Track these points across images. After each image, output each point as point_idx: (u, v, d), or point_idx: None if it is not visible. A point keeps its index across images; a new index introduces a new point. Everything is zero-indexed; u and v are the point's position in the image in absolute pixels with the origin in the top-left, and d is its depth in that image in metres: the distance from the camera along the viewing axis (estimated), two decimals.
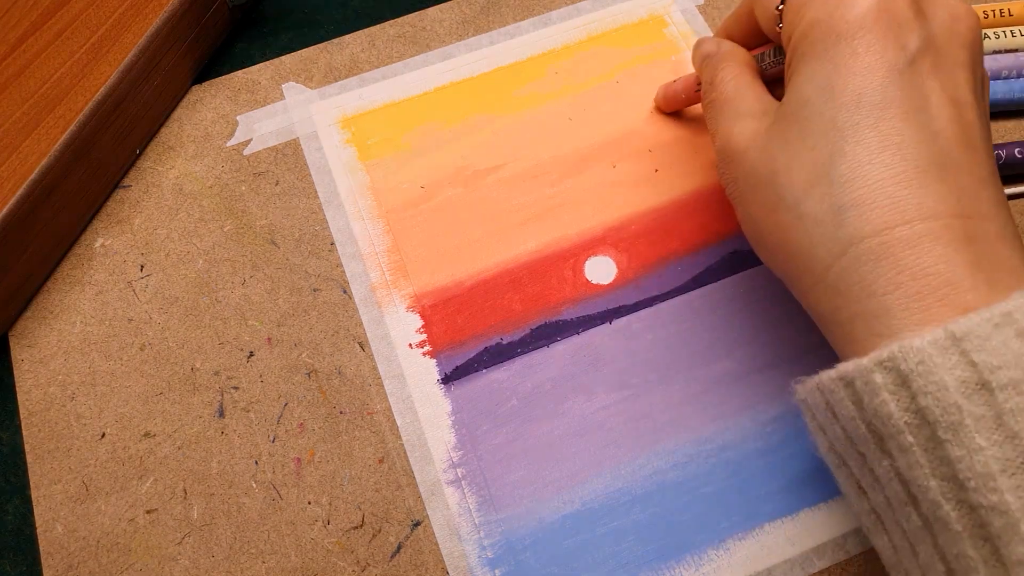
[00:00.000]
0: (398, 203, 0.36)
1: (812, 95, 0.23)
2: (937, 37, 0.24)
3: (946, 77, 0.23)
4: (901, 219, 0.21)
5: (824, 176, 0.23)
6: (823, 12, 0.24)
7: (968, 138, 0.23)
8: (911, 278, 0.21)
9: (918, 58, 0.23)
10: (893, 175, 0.22)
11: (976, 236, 0.21)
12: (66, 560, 0.30)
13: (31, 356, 0.33)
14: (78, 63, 0.34)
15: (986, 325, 0.19)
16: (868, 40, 0.23)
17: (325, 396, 0.32)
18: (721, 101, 0.28)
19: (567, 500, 0.31)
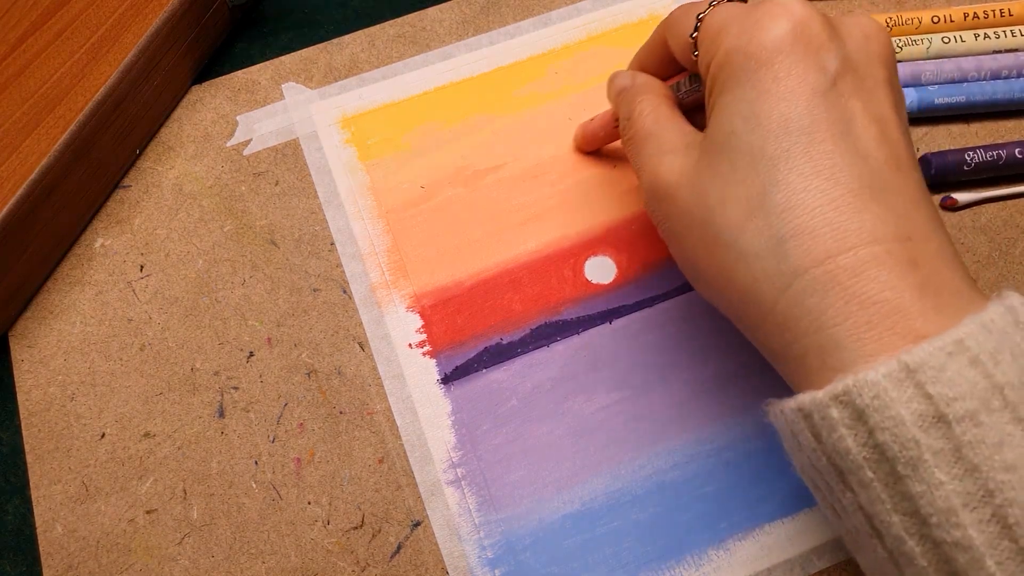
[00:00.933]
0: (398, 203, 0.36)
1: (737, 125, 0.23)
2: (854, 57, 0.23)
3: (867, 96, 0.23)
4: (843, 246, 0.21)
5: (759, 208, 0.22)
6: (740, 40, 0.23)
7: (896, 157, 0.22)
8: (859, 307, 0.20)
9: (839, 79, 0.23)
10: (829, 200, 0.21)
11: (918, 259, 0.21)
12: (66, 560, 0.30)
13: (31, 356, 0.33)
14: (78, 63, 0.34)
15: (939, 355, 0.19)
16: (788, 64, 0.22)
17: (325, 396, 0.32)
18: (641, 136, 0.27)
19: (567, 500, 0.31)
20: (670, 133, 0.26)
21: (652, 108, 0.28)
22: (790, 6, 0.23)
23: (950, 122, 0.38)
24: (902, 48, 0.38)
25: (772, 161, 0.22)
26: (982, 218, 0.36)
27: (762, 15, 0.23)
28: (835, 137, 0.22)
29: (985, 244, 0.35)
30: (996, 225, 0.36)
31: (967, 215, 0.36)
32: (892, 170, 0.22)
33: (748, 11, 0.24)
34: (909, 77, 0.37)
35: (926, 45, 0.38)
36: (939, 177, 0.35)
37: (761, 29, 0.23)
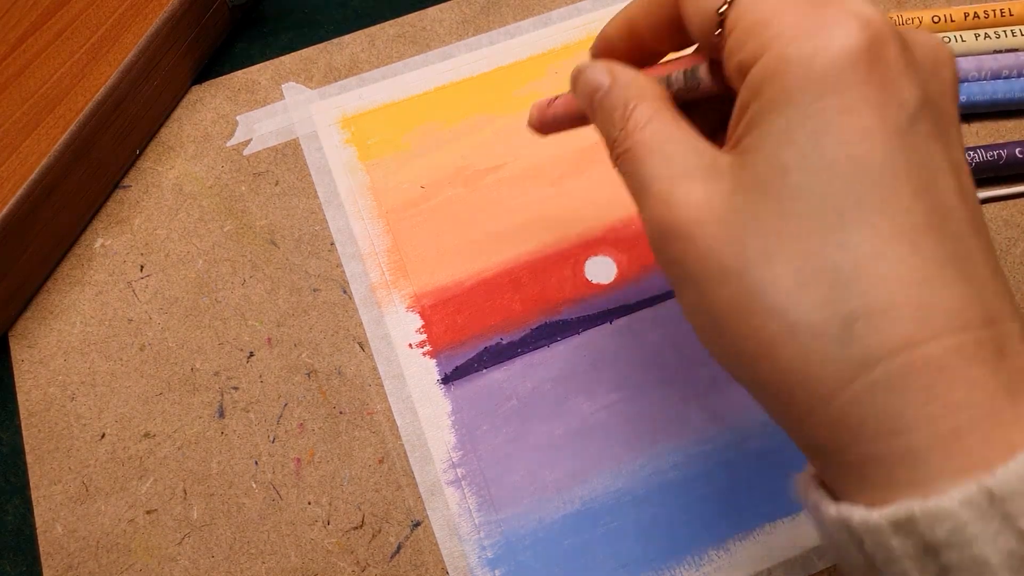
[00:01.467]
0: (398, 203, 0.36)
1: (792, 162, 0.18)
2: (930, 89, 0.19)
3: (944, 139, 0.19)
4: (927, 333, 0.17)
5: (820, 273, 0.18)
6: (799, 47, 0.18)
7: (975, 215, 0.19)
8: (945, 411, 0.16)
9: (919, 117, 0.18)
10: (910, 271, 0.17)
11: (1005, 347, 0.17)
12: (66, 560, 0.30)
13: (31, 356, 0.33)
14: (78, 63, 0.34)
15: None
16: (863, 93, 0.18)
17: (325, 396, 0.32)
18: (642, 154, 0.21)
19: (567, 500, 0.31)
20: (681, 150, 0.21)
21: (651, 115, 0.22)
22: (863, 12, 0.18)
23: None
24: None
25: (839, 215, 0.18)
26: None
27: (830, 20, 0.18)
28: (917, 191, 0.18)
29: None
30: (996, 225, 0.36)
31: None
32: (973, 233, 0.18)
33: (807, 5, 0.19)
34: None
35: None
36: None
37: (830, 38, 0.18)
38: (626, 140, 0.22)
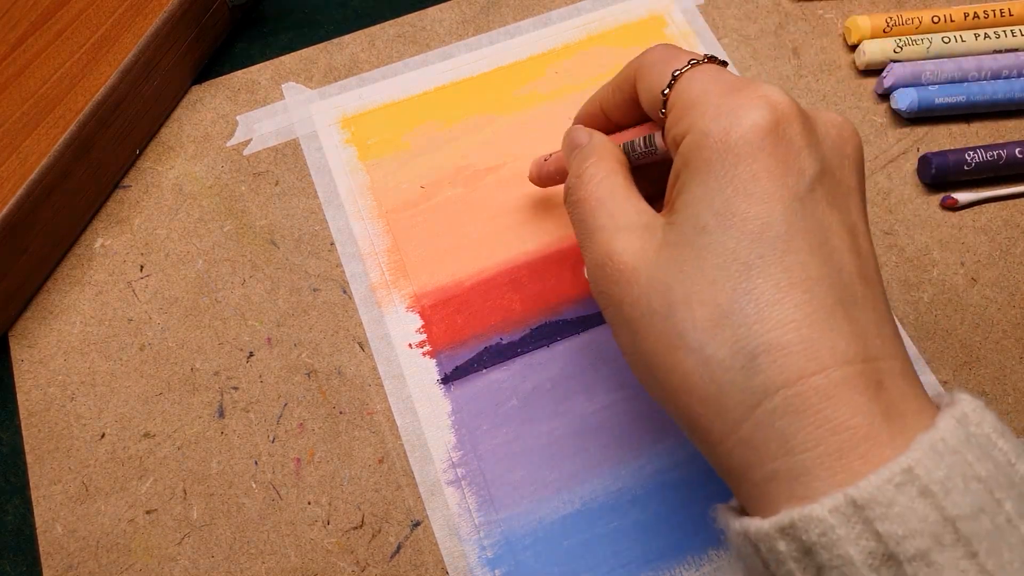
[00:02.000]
0: (398, 203, 0.36)
1: (709, 221, 0.21)
2: (830, 161, 0.22)
3: (842, 204, 0.22)
4: (817, 366, 0.20)
5: (730, 316, 0.21)
6: (717, 124, 0.22)
7: (865, 270, 0.22)
8: (831, 433, 0.19)
9: (816, 184, 0.22)
10: (804, 316, 0.20)
11: (884, 380, 0.20)
12: (66, 560, 0.30)
13: (31, 356, 0.33)
14: (78, 63, 0.34)
15: (887, 488, 0.18)
16: (768, 164, 0.21)
17: (325, 396, 0.32)
18: (591, 203, 0.25)
19: (567, 500, 0.31)
20: (625, 209, 0.24)
21: (605, 174, 0.25)
22: (773, 97, 0.22)
23: (950, 122, 0.38)
24: (902, 48, 0.38)
25: (745, 267, 0.21)
26: (982, 218, 0.36)
27: (743, 101, 0.22)
28: (812, 247, 0.21)
29: (985, 244, 0.35)
30: (996, 225, 0.36)
31: (967, 215, 0.36)
32: (862, 284, 0.21)
33: (727, 91, 0.23)
34: (909, 77, 0.37)
35: (926, 45, 0.38)
36: (939, 177, 0.35)
37: (741, 117, 0.22)
38: (580, 189, 0.26)
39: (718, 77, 0.23)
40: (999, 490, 0.18)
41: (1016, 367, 0.33)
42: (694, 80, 0.24)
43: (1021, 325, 0.34)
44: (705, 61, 0.24)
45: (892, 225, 0.36)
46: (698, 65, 0.24)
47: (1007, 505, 0.18)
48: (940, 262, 0.35)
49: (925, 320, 0.34)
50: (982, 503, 0.18)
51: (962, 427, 0.19)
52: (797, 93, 0.38)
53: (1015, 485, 0.18)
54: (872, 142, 0.37)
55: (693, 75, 0.24)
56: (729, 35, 0.40)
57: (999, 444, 0.19)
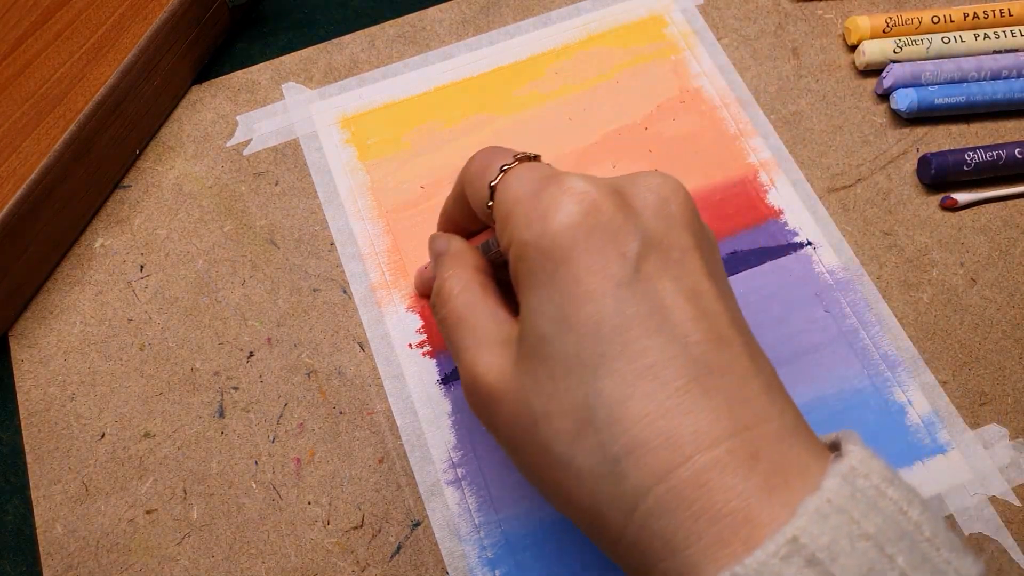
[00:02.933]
0: (398, 203, 0.36)
1: (548, 329, 0.21)
2: (654, 229, 0.21)
3: (677, 270, 0.21)
4: (680, 457, 0.19)
5: (587, 423, 0.20)
6: (530, 232, 0.21)
7: (718, 332, 0.21)
8: (709, 523, 0.18)
9: (642, 262, 0.21)
10: (657, 406, 0.19)
11: (759, 449, 0.19)
12: (66, 560, 0.30)
13: (31, 356, 0.33)
14: (78, 63, 0.34)
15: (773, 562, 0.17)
16: (586, 260, 0.20)
17: (325, 396, 0.32)
18: (452, 320, 0.25)
19: None
20: (483, 321, 0.24)
21: (462, 287, 0.25)
22: (577, 188, 0.21)
23: (950, 122, 0.38)
24: (902, 48, 0.38)
25: (591, 369, 0.20)
26: (982, 218, 0.36)
27: (549, 202, 0.21)
28: (649, 331, 0.20)
29: (985, 244, 0.35)
30: (996, 225, 0.36)
31: (967, 215, 0.36)
32: (715, 349, 0.20)
33: (535, 192, 0.22)
34: (909, 77, 0.37)
35: (926, 45, 0.38)
36: (939, 177, 0.35)
37: (549, 219, 0.21)
38: (442, 308, 0.25)
39: (528, 178, 0.23)
40: (889, 544, 0.17)
41: (1016, 367, 0.33)
42: (507, 189, 0.23)
43: (1021, 325, 0.34)
44: (515, 163, 0.24)
45: (892, 225, 0.36)
46: (509, 170, 0.23)
47: (899, 560, 0.17)
48: (939, 262, 0.35)
49: (924, 320, 0.34)
50: (871, 562, 0.17)
51: (847, 483, 0.18)
52: (797, 93, 0.39)
53: (906, 535, 0.18)
54: (872, 142, 0.37)
55: (506, 183, 0.23)
56: (729, 35, 0.40)
57: (888, 493, 0.18)
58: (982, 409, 0.32)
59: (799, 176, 0.37)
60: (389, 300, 0.34)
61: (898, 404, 0.32)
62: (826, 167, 0.37)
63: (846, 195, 0.36)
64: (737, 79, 0.39)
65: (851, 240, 0.35)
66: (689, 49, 0.39)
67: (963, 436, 0.31)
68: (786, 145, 0.37)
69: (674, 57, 0.39)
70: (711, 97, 0.38)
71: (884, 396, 0.32)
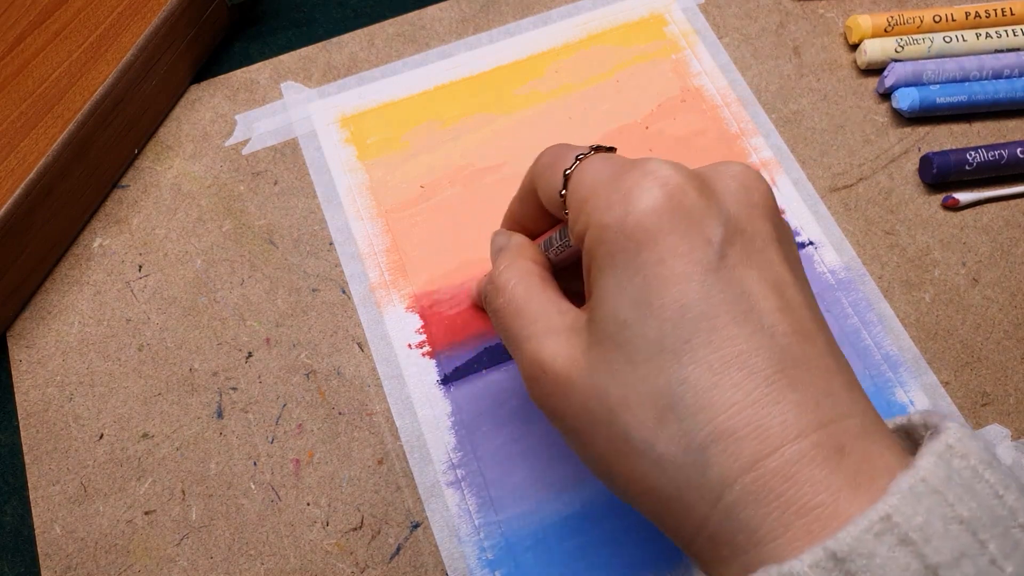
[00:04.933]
0: (397, 202, 0.36)
1: (628, 314, 0.20)
2: (737, 217, 0.21)
3: (760, 260, 0.21)
4: (769, 447, 0.19)
5: (670, 410, 0.20)
6: (611, 215, 0.21)
7: (801, 325, 0.20)
8: (797, 516, 0.18)
9: (727, 248, 0.20)
10: (745, 395, 0.19)
11: (844, 444, 0.19)
12: (64, 561, 0.30)
13: (29, 357, 0.33)
14: (76, 62, 0.34)
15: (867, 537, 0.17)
16: (671, 242, 0.20)
17: (324, 397, 0.32)
18: (512, 310, 0.24)
19: (568, 501, 0.30)
20: (546, 310, 0.24)
21: (520, 277, 0.25)
22: (660, 172, 0.21)
23: (952, 121, 0.38)
24: (904, 47, 0.38)
25: (674, 355, 0.20)
26: (984, 218, 0.36)
27: (632, 185, 0.21)
28: (736, 319, 0.20)
29: (987, 244, 0.35)
30: (997, 225, 0.35)
31: (968, 215, 0.36)
32: (800, 342, 0.20)
33: (616, 177, 0.22)
34: (911, 76, 0.37)
35: (928, 44, 0.38)
36: (941, 177, 0.35)
37: (633, 202, 0.21)
38: (497, 298, 0.25)
39: (605, 166, 0.23)
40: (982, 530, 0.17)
41: (1017, 367, 0.33)
42: (584, 175, 0.23)
43: (1022, 326, 0.34)
44: (592, 152, 0.24)
45: (893, 225, 0.35)
46: (585, 159, 0.24)
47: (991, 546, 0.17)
48: (941, 262, 0.35)
49: (926, 320, 0.34)
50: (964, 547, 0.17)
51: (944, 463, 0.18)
52: (798, 92, 0.38)
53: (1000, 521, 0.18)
54: (873, 142, 0.37)
55: (582, 170, 0.23)
56: (730, 34, 0.40)
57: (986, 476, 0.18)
58: (984, 409, 0.32)
59: (800, 175, 0.36)
60: (388, 300, 0.34)
61: (900, 404, 0.32)
62: (827, 166, 0.37)
63: (847, 194, 0.36)
64: (738, 78, 0.39)
65: (853, 240, 0.35)
66: (690, 48, 0.39)
67: None
68: (787, 144, 0.37)
69: (675, 56, 0.39)
70: (712, 96, 0.38)
71: (886, 396, 0.32)
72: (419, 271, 0.34)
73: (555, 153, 0.25)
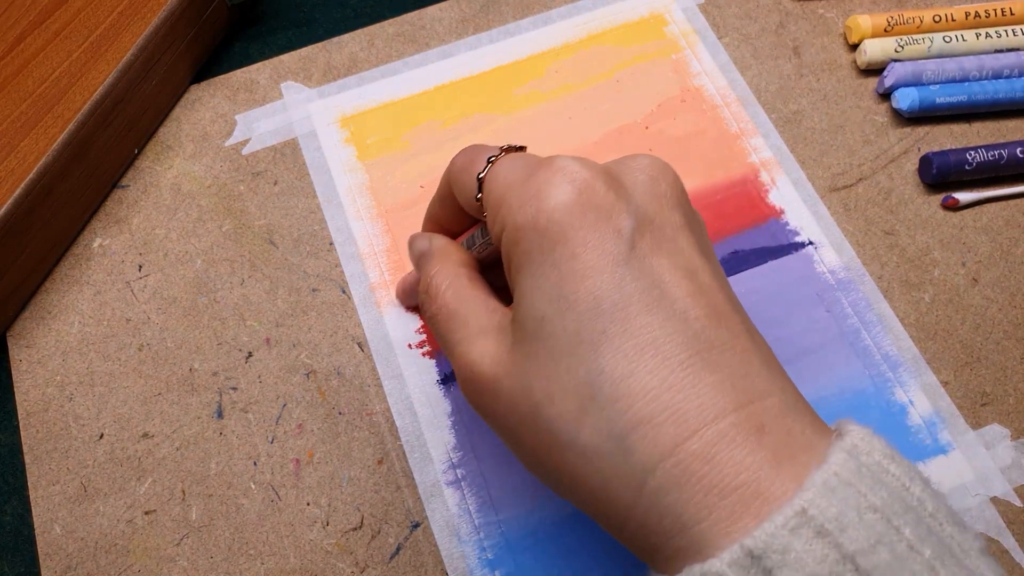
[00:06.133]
0: (397, 202, 0.36)
1: (546, 309, 0.21)
2: (646, 208, 0.22)
3: (670, 247, 0.21)
4: (687, 431, 0.19)
5: (591, 401, 0.20)
6: (524, 214, 0.21)
7: (714, 308, 0.21)
8: (719, 497, 0.18)
9: (637, 239, 0.21)
10: (660, 381, 0.19)
11: (764, 423, 0.19)
12: (64, 561, 0.30)
13: (29, 356, 0.33)
14: (76, 62, 0.34)
15: (783, 533, 0.17)
16: (582, 237, 0.21)
17: (324, 397, 0.32)
18: (444, 316, 0.25)
19: (567, 501, 0.30)
20: (475, 311, 0.24)
21: (450, 281, 0.25)
22: (569, 168, 0.21)
23: (951, 121, 0.38)
24: (903, 47, 0.38)
25: (592, 346, 0.20)
26: (983, 218, 0.36)
27: (542, 183, 0.21)
28: (649, 306, 0.20)
29: (986, 244, 0.35)
30: (997, 225, 0.35)
31: (968, 215, 0.36)
32: (714, 325, 0.20)
33: (526, 177, 0.22)
34: (911, 76, 0.37)
35: (927, 44, 0.38)
36: (940, 177, 0.35)
37: (544, 199, 0.21)
38: (431, 304, 0.25)
39: (516, 166, 0.23)
40: (896, 517, 0.18)
41: (1017, 368, 0.33)
42: (496, 177, 0.23)
43: (1022, 326, 0.34)
44: (503, 154, 0.24)
45: (893, 225, 0.35)
46: (497, 160, 0.24)
47: (906, 531, 0.18)
48: (941, 262, 0.35)
49: (926, 320, 0.34)
50: (879, 534, 0.17)
51: (852, 458, 0.18)
52: (798, 92, 0.38)
53: (911, 509, 0.18)
54: (873, 142, 0.37)
55: (495, 172, 0.24)
56: (729, 34, 0.40)
57: (891, 469, 0.18)
58: (983, 409, 0.32)
59: (800, 175, 0.36)
60: (388, 300, 0.34)
61: (899, 404, 0.32)
62: (827, 166, 0.37)
63: (847, 195, 0.36)
64: (738, 78, 0.39)
65: (852, 240, 0.35)
66: (690, 48, 0.39)
67: (964, 436, 0.31)
68: (787, 144, 0.37)
69: (675, 56, 0.39)
70: (712, 96, 0.38)
71: (885, 396, 0.32)
72: None
73: (468, 156, 0.25)
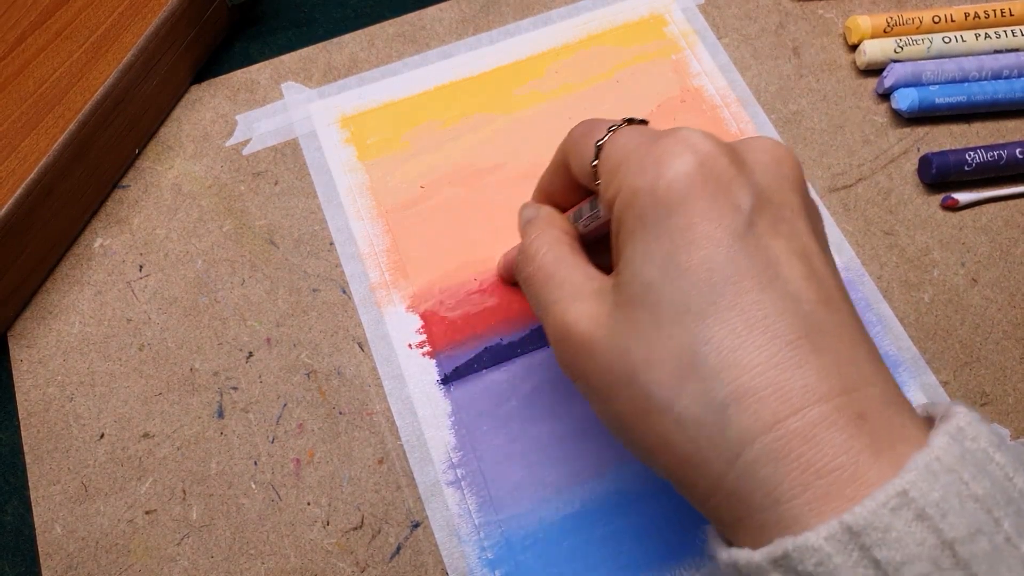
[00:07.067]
0: (397, 203, 0.36)
1: (654, 276, 0.21)
2: (766, 188, 0.22)
3: (787, 229, 0.21)
4: (790, 408, 0.19)
5: (692, 369, 0.20)
6: (643, 179, 0.21)
7: (827, 294, 0.21)
8: (816, 477, 0.18)
9: (755, 216, 0.21)
10: (768, 357, 0.19)
11: (866, 410, 0.19)
12: (65, 561, 0.30)
13: (30, 356, 0.33)
14: (77, 62, 0.34)
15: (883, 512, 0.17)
16: (700, 207, 0.21)
17: (324, 397, 0.32)
18: (541, 277, 0.25)
19: (567, 501, 0.31)
20: (574, 275, 0.24)
21: (550, 246, 0.25)
22: (693, 140, 0.21)
23: (951, 122, 0.38)
24: (903, 48, 0.38)
25: (699, 316, 0.20)
26: (983, 218, 0.36)
27: (663, 151, 0.21)
28: (762, 284, 0.20)
29: (986, 244, 0.35)
30: (997, 225, 0.35)
31: (968, 215, 0.36)
32: (825, 310, 0.20)
33: (649, 144, 0.22)
34: (910, 77, 0.37)
35: (927, 45, 0.38)
36: (940, 177, 0.35)
37: (664, 167, 0.21)
38: (527, 265, 0.26)
39: (638, 135, 0.23)
40: (997, 508, 0.18)
41: (1016, 368, 0.33)
42: (616, 144, 0.23)
43: (1022, 326, 0.34)
44: (624, 125, 0.24)
45: (892, 225, 0.36)
46: (617, 130, 0.24)
47: (1005, 524, 0.17)
48: (940, 262, 0.35)
49: (925, 320, 0.34)
50: (979, 524, 0.17)
51: (957, 443, 0.18)
52: (798, 92, 0.38)
53: (1013, 501, 0.18)
54: (872, 142, 0.37)
55: (615, 140, 0.24)
56: (729, 34, 0.40)
57: (996, 458, 0.18)
58: (983, 409, 0.32)
59: None
60: (389, 300, 0.34)
61: None
62: (827, 166, 0.37)
63: (847, 195, 0.36)
64: (738, 78, 0.39)
65: (852, 240, 0.35)
66: (690, 48, 0.39)
67: None
68: (787, 144, 0.37)
69: (675, 56, 0.39)
70: (712, 96, 0.38)
71: None
72: (419, 271, 0.34)
73: (588, 125, 0.26)
